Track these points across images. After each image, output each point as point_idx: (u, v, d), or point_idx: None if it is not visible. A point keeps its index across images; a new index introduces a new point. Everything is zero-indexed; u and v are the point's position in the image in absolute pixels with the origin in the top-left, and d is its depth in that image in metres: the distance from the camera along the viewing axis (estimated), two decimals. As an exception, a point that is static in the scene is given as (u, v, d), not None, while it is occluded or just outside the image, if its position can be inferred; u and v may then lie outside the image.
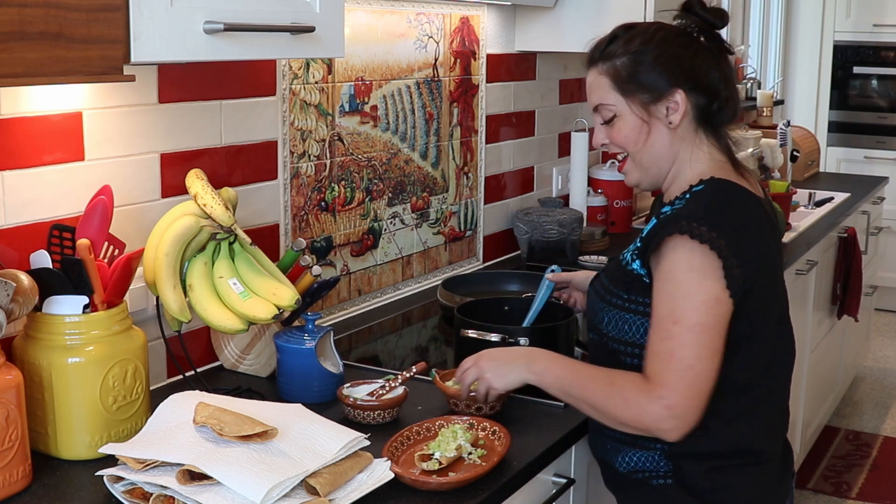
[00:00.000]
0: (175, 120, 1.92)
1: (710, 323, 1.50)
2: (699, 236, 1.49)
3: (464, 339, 2.00)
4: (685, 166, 1.66)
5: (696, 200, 1.58)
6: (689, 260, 1.51)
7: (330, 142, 2.34)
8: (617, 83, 1.65)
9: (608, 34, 1.69)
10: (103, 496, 1.47)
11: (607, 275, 1.71)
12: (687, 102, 1.63)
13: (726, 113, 1.66)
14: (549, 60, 3.25)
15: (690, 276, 1.51)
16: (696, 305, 1.50)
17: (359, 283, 2.50)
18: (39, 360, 1.58)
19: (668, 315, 1.52)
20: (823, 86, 6.09)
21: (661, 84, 1.62)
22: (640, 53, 1.63)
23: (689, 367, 1.50)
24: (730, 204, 1.59)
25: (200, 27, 1.49)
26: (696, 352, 1.50)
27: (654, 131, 1.65)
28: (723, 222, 1.53)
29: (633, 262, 1.62)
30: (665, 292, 1.53)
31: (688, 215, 1.53)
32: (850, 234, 4.11)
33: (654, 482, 1.65)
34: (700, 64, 1.63)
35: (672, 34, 1.65)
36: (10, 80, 1.25)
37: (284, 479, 1.38)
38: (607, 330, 1.66)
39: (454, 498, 1.51)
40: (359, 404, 1.76)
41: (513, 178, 3.14)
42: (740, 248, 1.52)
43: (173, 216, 1.76)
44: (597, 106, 1.69)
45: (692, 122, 1.65)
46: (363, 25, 2.40)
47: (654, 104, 1.64)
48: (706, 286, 1.50)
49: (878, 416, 4.60)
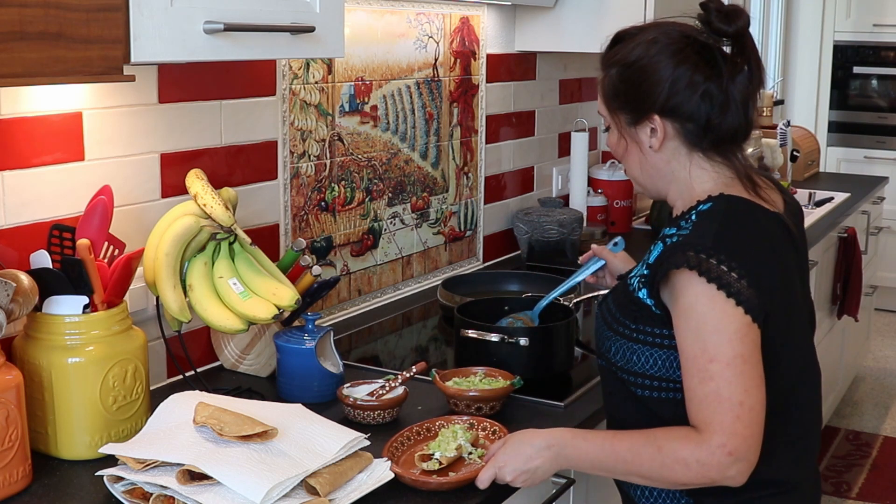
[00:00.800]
0: (175, 120, 1.92)
1: (747, 353, 1.39)
2: (707, 273, 1.39)
3: (464, 339, 2.00)
4: (685, 185, 1.55)
5: (703, 224, 1.46)
6: (705, 293, 1.40)
7: (330, 142, 2.34)
8: (604, 96, 1.59)
9: (611, 37, 1.60)
10: (103, 496, 1.47)
11: (615, 300, 1.59)
12: (668, 127, 1.52)
13: (721, 136, 1.51)
14: (549, 60, 3.25)
15: (713, 308, 1.39)
16: (728, 338, 1.39)
17: (359, 283, 2.50)
18: (39, 360, 1.58)
19: (701, 354, 1.40)
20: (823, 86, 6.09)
21: (641, 107, 1.52)
22: (627, 68, 1.53)
23: (741, 403, 1.38)
24: (743, 226, 1.47)
25: (200, 27, 1.49)
26: (743, 386, 1.38)
27: (631, 151, 1.58)
28: (734, 251, 1.42)
29: (639, 289, 1.50)
30: (691, 330, 1.41)
31: (695, 244, 1.42)
32: (850, 234, 4.11)
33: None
34: (690, 85, 1.49)
35: (668, 47, 1.50)
36: (10, 80, 1.26)
37: (284, 479, 1.38)
38: (615, 360, 1.55)
39: (454, 498, 1.51)
40: (359, 404, 1.76)
41: (513, 178, 3.14)
42: (755, 274, 1.41)
43: (173, 216, 1.76)
44: (598, 110, 1.65)
45: (682, 144, 1.53)
46: (363, 25, 2.40)
47: (633, 126, 1.55)
48: (733, 315, 1.39)
49: (878, 416, 4.60)
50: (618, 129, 1.58)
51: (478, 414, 1.80)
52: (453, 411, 1.82)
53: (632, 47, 1.53)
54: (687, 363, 1.42)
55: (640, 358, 1.51)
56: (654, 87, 1.50)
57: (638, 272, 1.54)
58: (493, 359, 1.96)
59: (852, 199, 4.19)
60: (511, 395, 1.86)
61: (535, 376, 1.93)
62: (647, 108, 1.52)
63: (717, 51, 1.51)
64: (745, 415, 1.38)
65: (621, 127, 1.57)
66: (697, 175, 1.55)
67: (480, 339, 1.97)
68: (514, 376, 1.87)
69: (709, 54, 1.50)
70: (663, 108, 1.51)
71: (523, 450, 1.53)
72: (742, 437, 1.38)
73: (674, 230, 1.51)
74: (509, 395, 1.85)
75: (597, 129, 3.66)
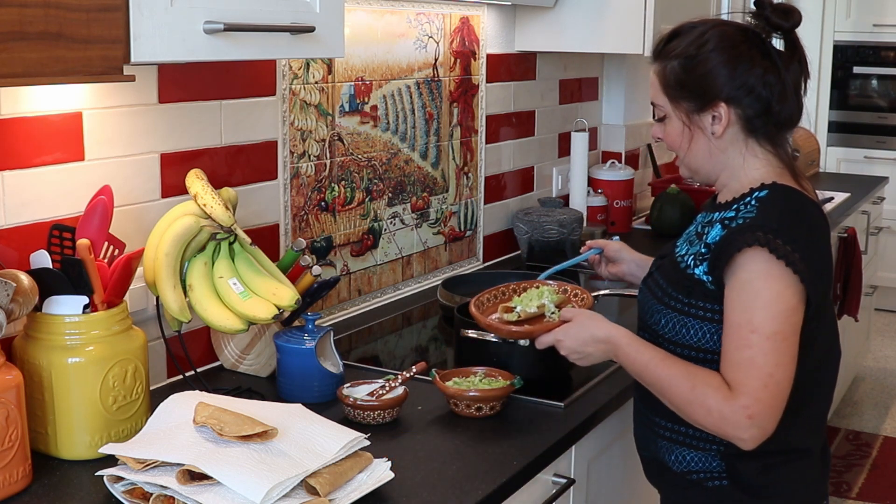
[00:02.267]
0: (175, 120, 1.92)
1: (787, 332, 1.51)
2: (776, 250, 1.50)
3: (464, 339, 2.00)
4: (739, 171, 1.65)
5: (766, 209, 1.57)
6: (767, 270, 1.51)
7: (330, 142, 2.34)
8: (665, 86, 1.66)
9: (670, 30, 1.69)
10: (103, 496, 1.47)
11: (663, 275, 1.70)
12: (731, 114, 1.62)
13: (780, 122, 1.64)
14: (549, 60, 3.25)
15: (769, 285, 1.51)
16: (774, 314, 1.50)
17: (359, 283, 2.50)
18: (39, 360, 1.58)
19: (745, 324, 1.52)
20: (823, 86, 6.08)
21: (706, 95, 1.62)
22: (691, 59, 1.62)
23: (770, 374, 1.50)
24: (800, 214, 1.58)
25: (200, 27, 1.49)
26: (776, 360, 1.50)
27: (697, 138, 1.66)
28: (797, 235, 1.53)
29: (695, 266, 1.61)
30: (742, 301, 1.53)
31: (763, 226, 1.53)
32: (850, 234, 4.11)
33: (709, 483, 1.66)
34: (751, 73, 1.60)
35: (729, 39, 1.62)
36: (10, 80, 1.26)
37: (284, 479, 1.38)
38: (664, 332, 1.66)
39: (453, 498, 1.52)
40: (359, 404, 1.76)
41: (513, 178, 3.14)
42: (812, 262, 1.53)
43: (173, 216, 1.76)
44: (651, 101, 1.71)
45: (741, 131, 1.64)
46: (363, 25, 2.40)
47: (697, 113, 1.64)
48: (785, 296, 1.51)
49: (878, 416, 4.60)
50: (681, 118, 1.66)
51: (478, 414, 1.81)
52: (453, 412, 1.82)
53: (692, 39, 1.64)
54: (730, 329, 1.54)
55: (691, 330, 1.62)
56: (720, 76, 1.62)
57: (693, 251, 1.63)
58: (493, 359, 1.96)
59: (852, 199, 4.19)
60: (511, 395, 1.87)
61: (535, 376, 1.93)
62: (714, 95, 1.62)
63: (769, 44, 1.64)
64: (772, 386, 1.50)
65: (684, 115, 1.65)
66: (751, 162, 1.65)
67: (480, 339, 1.97)
68: (514, 376, 1.88)
69: (764, 47, 1.63)
70: (729, 96, 1.61)
71: (583, 334, 1.71)
72: (765, 405, 1.50)
73: (732, 213, 1.60)
74: (509, 395, 1.85)
75: (597, 129, 3.66)
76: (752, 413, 1.50)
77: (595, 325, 1.71)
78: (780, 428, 1.59)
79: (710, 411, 1.53)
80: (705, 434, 1.63)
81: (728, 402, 1.52)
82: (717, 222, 1.61)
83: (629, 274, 2.04)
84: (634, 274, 2.03)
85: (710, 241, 1.60)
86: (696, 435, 1.65)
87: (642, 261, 2.02)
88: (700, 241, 1.63)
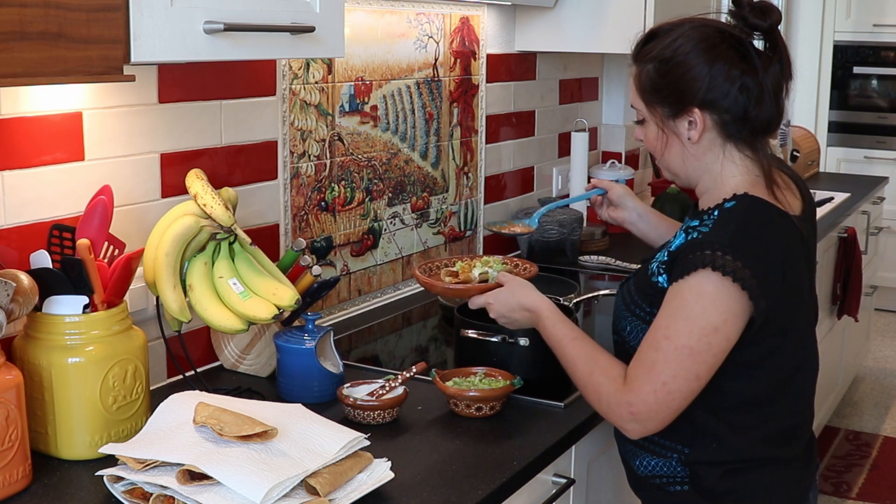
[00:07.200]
0: (175, 120, 1.92)
1: (697, 349, 1.50)
2: (722, 267, 1.48)
3: (464, 339, 2.00)
4: (717, 178, 1.62)
5: (724, 222, 1.53)
6: (701, 285, 1.49)
7: (330, 142, 2.34)
8: (641, 91, 1.64)
9: (646, 32, 1.66)
10: (103, 496, 1.47)
11: (636, 282, 1.68)
12: (707, 119, 1.59)
13: (756, 127, 1.60)
14: (549, 60, 3.25)
15: (698, 300, 1.50)
16: (691, 329, 1.50)
17: (359, 283, 2.50)
18: (39, 360, 1.58)
19: (663, 328, 1.53)
20: (823, 86, 6.09)
21: (681, 100, 1.59)
22: (665, 63, 1.59)
23: (664, 383, 1.52)
24: (758, 227, 1.54)
25: (200, 27, 1.49)
26: (675, 371, 1.51)
27: (672, 143, 1.64)
28: (748, 250, 1.50)
29: (658, 274, 1.60)
30: (670, 307, 1.53)
31: (713, 242, 1.50)
32: (850, 234, 4.11)
33: (672, 489, 1.66)
34: (727, 78, 1.56)
35: (705, 42, 1.57)
36: (10, 80, 1.26)
37: (284, 479, 1.38)
38: (629, 338, 1.66)
39: (453, 498, 1.52)
40: (359, 404, 1.76)
41: (513, 178, 3.14)
42: (764, 276, 1.50)
43: (173, 216, 1.76)
44: (631, 104, 1.70)
45: (718, 136, 1.61)
46: (363, 25, 2.40)
47: (672, 119, 1.61)
48: (709, 314, 1.50)
49: (878, 416, 4.60)
50: (656, 122, 1.64)
51: (478, 414, 1.81)
52: (453, 412, 1.82)
53: (668, 42, 1.60)
54: (651, 329, 1.56)
55: None
56: (694, 81, 1.57)
57: (660, 258, 1.62)
58: (493, 359, 1.96)
59: (852, 200, 4.19)
60: (511, 395, 1.87)
61: (535, 376, 1.93)
62: (688, 101, 1.59)
63: (749, 45, 1.58)
64: (662, 394, 1.53)
65: (660, 120, 1.63)
66: (728, 169, 1.62)
67: (480, 339, 1.97)
68: (514, 376, 1.88)
69: (743, 48, 1.58)
70: (703, 101, 1.58)
71: (511, 301, 1.77)
72: (648, 408, 1.54)
73: (697, 222, 1.57)
74: (509, 395, 1.85)
75: (597, 129, 3.66)
76: (634, 411, 1.54)
77: (523, 294, 1.76)
78: (749, 439, 1.60)
79: (601, 398, 1.59)
80: (665, 441, 1.64)
81: (617, 393, 1.56)
82: (682, 231, 1.59)
83: (629, 221, 2.03)
84: (635, 223, 2.02)
85: (672, 249, 1.58)
86: (656, 441, 1.65)
87: (645, 212, 2.02)
88: (666, 249, 1.62)
